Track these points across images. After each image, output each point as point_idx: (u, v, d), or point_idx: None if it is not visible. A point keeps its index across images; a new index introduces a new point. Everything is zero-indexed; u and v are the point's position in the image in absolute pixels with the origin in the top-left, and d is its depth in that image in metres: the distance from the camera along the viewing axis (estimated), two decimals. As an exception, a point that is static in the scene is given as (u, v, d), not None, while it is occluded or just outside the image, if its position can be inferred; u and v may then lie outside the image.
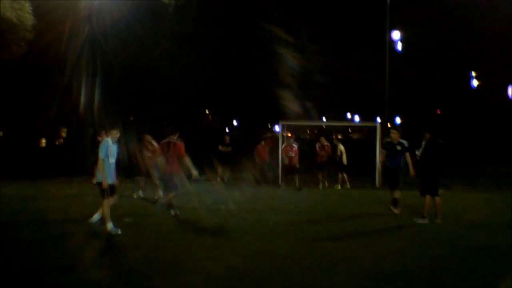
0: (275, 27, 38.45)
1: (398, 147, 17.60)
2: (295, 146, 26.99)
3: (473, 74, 47.52)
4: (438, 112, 55.07)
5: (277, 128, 38.24)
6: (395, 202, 17.73)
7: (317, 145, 27.10)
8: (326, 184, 26.53)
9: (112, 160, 13.35)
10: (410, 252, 11.96)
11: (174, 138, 16.90)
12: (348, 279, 9.71)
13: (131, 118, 36.97)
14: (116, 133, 13.44)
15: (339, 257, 11.30)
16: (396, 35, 32.44)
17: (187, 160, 16.57)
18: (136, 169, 21.21)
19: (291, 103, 39.35)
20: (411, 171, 17.57)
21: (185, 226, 12.72)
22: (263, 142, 28.56)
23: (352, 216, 17.35)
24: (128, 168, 27.91)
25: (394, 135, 17.89)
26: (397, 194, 17.78)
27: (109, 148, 13.29)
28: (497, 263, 11.21)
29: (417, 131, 18.13)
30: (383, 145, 18.83)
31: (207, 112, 53.89)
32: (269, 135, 34.84)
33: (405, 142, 17.65)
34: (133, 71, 32.36)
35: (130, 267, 10.34)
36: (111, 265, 10.47)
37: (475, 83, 47.63)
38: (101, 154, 13.18)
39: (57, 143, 30.94)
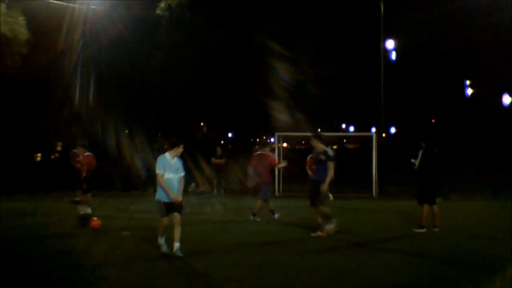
0: (269, 39, 38.48)
1: (322, 157, 15.20)
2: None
3: (468, 83, 47.64)
4: (433, 121, 55.13)
5: (272, 139, 38.17)
6: (327, 218, 15.13)
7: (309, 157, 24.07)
8: None
9: (171, 176, 12.43)
10: (409, 262, 11.93)
11: (266, 150, 18.50)
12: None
13: (126, 131, 36.90)
14: (178, 149, 12.58)
15: (339, 268, 11.26)
16: (390, 44, 32.42)
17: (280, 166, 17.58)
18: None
19: (286, 115, 39.37)
20: (324, 185, 15.01)
21: (183, 239, 12.65)
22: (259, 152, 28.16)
23: (349, 226, 17.26)
24: (124, 181, 27.89)
25: (315, 143, 15.51)
26: (323, 210, 15.24)
27: (166, 163, 12.47)
28: (495, 271, 11.15)
29: (413, 140, 18.02)
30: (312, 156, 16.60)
31: (201, 124, 53.83)
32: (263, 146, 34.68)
33: (329, 151, 15.26)
34: (127, 83, 32.38)
35: (129, 280, 10.28)
36: (109, 278, 10.40)
37: (469, 91, 47.76)
38: (157, 169, 12.46)
39: (52, 157, 30.89)
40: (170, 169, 12.47)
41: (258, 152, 18.95)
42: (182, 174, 12.66)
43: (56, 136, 33.77)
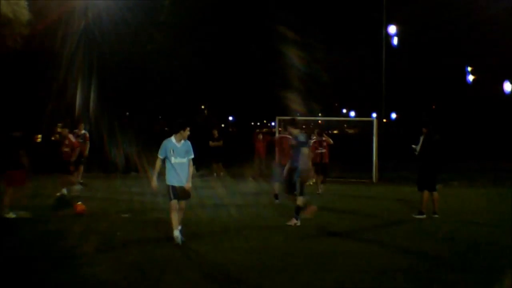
0: (271, 22, 38.36)
1: (293, 143, 14.86)
2: (324, 140, 22.50)
3: (469, 69, 47.50)
4: (433, 107, 55.07)
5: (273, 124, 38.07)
6: (297, 210, 14.46)
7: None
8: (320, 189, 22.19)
9: (178, 160, 11.99)
10: (408, 248, 12.02)
11: (287, 133, 17.83)
12: (346, 274, 9.73)
13: (127, 113, 36.86)
14: (184, 133, 12.03)
15: (338, 253, 11.33)
16: (392, 29, 32.27)
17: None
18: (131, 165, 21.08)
19: (286, 99, 39.26)
20: (303, 174, 14.56)
21: (182, 222, 12.63)
22: (260, 136, 28.05)
23: (349, 212, 17.31)
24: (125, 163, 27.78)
25: (291, 130, 15.08)
26: (299, 201, 14.46)
27: (171, 147, 11.99)
28: (494, 258, 11.20)
29: (413, 126, 17.98)
30: None
31: (202, 107, 53.78)
32: (264, 130, 34.58)
33: (300, 137, 14.69)
34: (128, 65, 32.32)
35: (128, 263, 10.29)
36: (110, 261, 10.43)
37: (470, 78, 47.63)
38: (159, 153, 12.07)
39: (53, 138, 30.73)
40: (177, 153, 12.03)
41: (280, 135, 19.84)
42: (191, 156, 12.26)
43: (57, 117, 33.68)
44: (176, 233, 11.93)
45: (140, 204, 17.86)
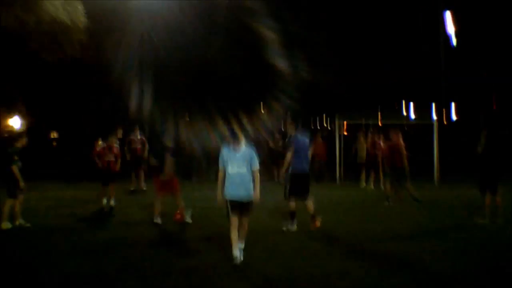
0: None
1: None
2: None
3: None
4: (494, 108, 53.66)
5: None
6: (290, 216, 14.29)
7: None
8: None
9: (235, 170, 10.71)
10: (469, 253, 11.75)
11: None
12: (408, 278, 9.64)
13: (187, 119, 36.91)
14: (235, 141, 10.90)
15: (398, 258, 11.22)
16: (450, 29, 31.73)
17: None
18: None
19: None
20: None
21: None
22: (320, 139, 27.78)
23: (410, 216, 16.95)
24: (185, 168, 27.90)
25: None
26: (289, 205, 14.38)
27: (226, 155, 10.85)
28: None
29: (473, 126, 17.54)
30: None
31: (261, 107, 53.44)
32: (325, 133, 34.17)
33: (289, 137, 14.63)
34: (185, 68, 32.48)
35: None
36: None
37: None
38: (219, 164, 10.95)
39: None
40: (234, 162, 10.76)
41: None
42: (255, 168, 10.87)
43: (116, 123, 34.06)
44: (236, 253, 10.61)
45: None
